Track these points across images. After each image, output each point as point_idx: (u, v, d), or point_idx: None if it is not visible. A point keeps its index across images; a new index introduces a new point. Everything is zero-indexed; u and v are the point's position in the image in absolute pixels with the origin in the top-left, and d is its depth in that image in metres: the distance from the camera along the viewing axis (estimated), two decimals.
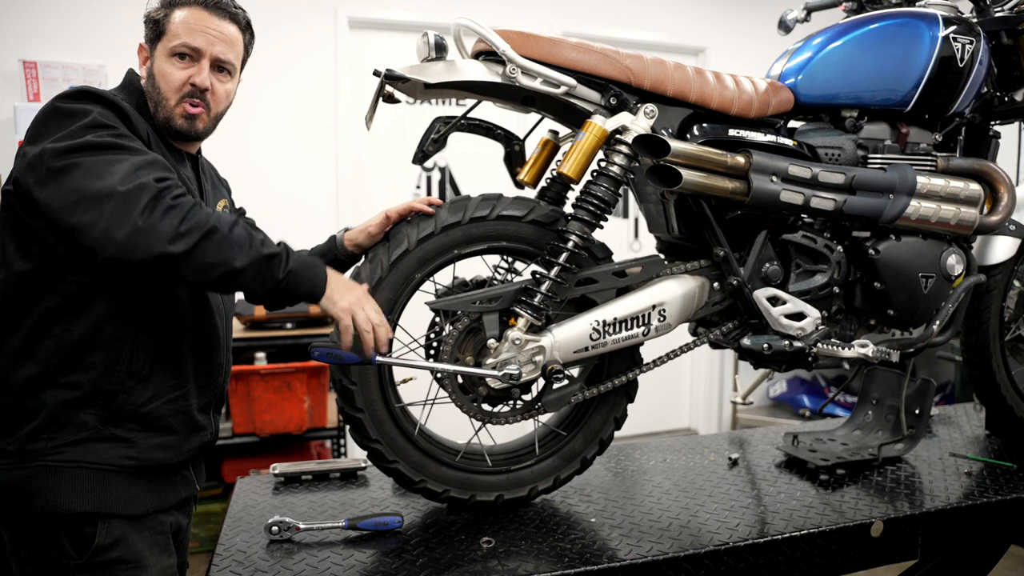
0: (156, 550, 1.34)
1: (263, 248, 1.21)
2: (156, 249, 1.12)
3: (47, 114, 1.24)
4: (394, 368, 1.45)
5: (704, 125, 1.55)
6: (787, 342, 1.59)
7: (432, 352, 1.54)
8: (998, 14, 1.77)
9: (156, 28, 1.37)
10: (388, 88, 1.42)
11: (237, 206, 1.69)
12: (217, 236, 1.16)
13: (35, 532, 1.27)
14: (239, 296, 1.67)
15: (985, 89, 1.76)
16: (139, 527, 1.32)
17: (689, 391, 5.11)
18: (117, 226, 1.12)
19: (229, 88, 1.44)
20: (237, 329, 3.34)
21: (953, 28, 1.64)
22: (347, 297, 1.28)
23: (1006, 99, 1.82)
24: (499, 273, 1.57)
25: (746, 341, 1.60)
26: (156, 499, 1.35)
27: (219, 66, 1.40)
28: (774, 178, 1.51)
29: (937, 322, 1.72)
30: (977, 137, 1.84)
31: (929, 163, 1.70)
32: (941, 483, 1.76)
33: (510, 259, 1.57)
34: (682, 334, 1.73)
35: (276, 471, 1.79)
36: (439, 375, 1.50)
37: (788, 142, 1.59)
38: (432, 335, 1.53)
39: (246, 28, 1.46)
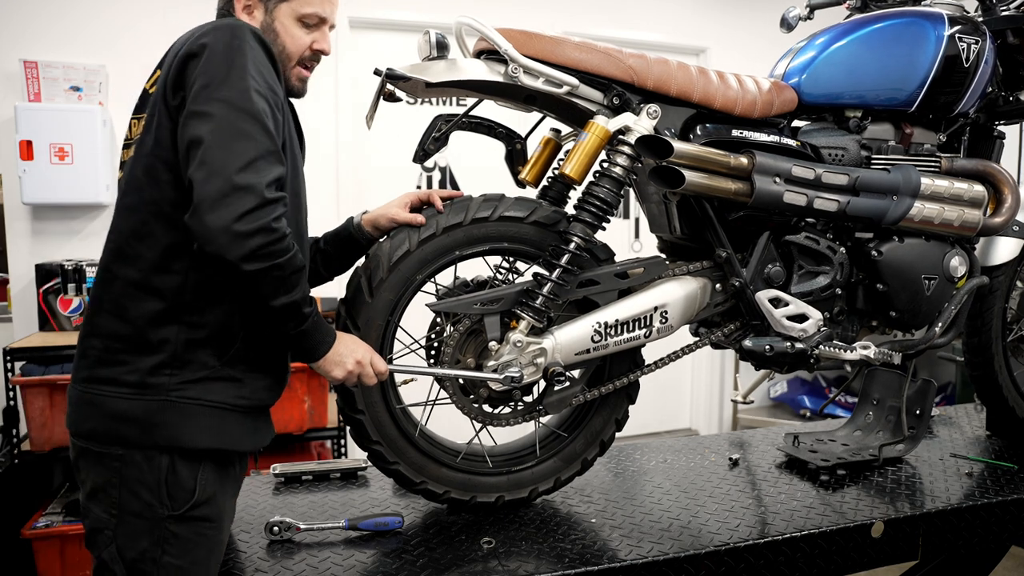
0: (230, 513, 1.36)
1: (303, 306, 1.24)
2: (228, 256, 1.14)
3: (220, 52, 1.20)
4: None
5: (707, 125, 1.55)
6: (789, 344, 1.58)
7: (433, 353, 1.53)
8: (1004, 13, 1.76)
9: None
10: (389, 87, 1.42)
11: None
12: (278, 273, 1.18)
13: (139, 472, 1.25)
14: None
15: (990, 89, 1.76)
16: (224, 486, 1.32)
17: (690, 392, 5.10)
18: (213, 214, 1.13)
19: None
20: None
21: (958, 27, 1.64)
22: (343, 366, 1.31)
23: (1011, 99, 1.81)
24: (500, 274, 1.56)
25: (748, 342, 1.59)
26: (258, 439, 1.36)
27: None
28: (777, 179, 1.50)
29: (939, 324, 1.71)
30: (981, 137, 1.83)
31: (933, 164, 1.69)
32: (942, 484, 1.75)
33: (512, 260, 1.56)
34: (684, 335, 1.73)
35: (276, 471, 1.79)
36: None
37: (791, 142, 1.58)
38: (433, 336, 1.53)
39: None
